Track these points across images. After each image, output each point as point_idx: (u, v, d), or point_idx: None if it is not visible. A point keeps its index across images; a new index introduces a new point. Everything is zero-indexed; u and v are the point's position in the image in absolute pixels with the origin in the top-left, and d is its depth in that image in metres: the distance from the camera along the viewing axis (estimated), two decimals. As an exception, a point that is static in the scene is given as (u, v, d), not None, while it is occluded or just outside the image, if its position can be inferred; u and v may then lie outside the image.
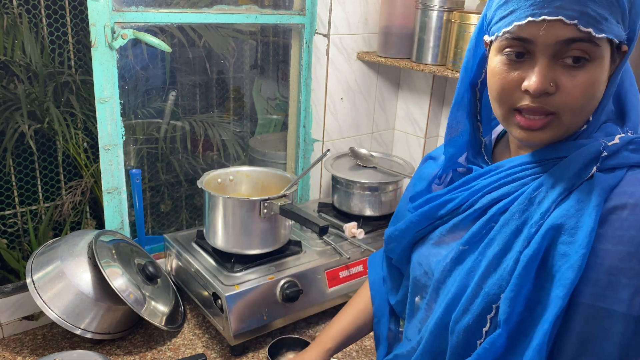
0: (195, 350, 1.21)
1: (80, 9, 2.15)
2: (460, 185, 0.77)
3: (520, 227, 0.67)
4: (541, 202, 0.66)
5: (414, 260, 0.84)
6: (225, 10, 1.43)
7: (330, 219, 1.53)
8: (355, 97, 1.69)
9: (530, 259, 0.64)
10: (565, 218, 0.63)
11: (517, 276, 0.64)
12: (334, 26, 1.56)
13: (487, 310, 0.67)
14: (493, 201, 0.71)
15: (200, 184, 1.28)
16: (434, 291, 0.77)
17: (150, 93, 2.14)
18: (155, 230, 2.23)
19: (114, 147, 1.31)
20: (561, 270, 0.62)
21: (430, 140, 1.75)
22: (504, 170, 0.72)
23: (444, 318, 0.73)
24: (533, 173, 0.69)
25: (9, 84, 2.08)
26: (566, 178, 0.65)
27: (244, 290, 1.17)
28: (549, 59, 0.62)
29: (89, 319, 1.15)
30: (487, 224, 0.71)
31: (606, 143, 0.65)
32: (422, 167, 0.92)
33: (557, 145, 0.68)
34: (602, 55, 0.62)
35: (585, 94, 0.63)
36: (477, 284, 0.68)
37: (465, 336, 0.70)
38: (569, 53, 0.61)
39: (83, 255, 1.20)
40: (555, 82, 0.62)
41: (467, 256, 0.72)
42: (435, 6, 1.45)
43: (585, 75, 0.62)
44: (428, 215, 0.80)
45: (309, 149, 1.71)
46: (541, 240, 0.64)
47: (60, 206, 2.13)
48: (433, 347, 0.76)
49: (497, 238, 0.68)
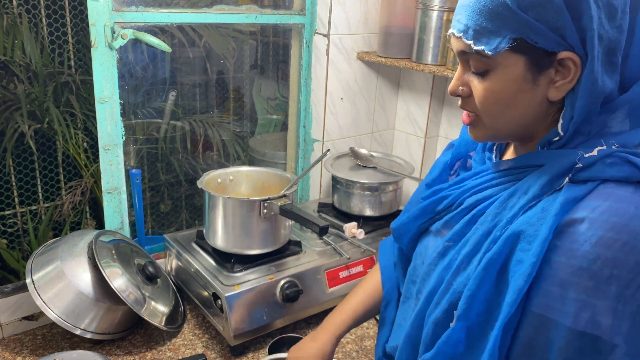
0: (195, 350, 1.21)
1: (80, 9, 2.15)
2: (457, 182, 0.80)
3: (490, 230, 0.68)
4: (512, 207, 0.67)
5: (417, 250, 0.86)
6: (225, 10, 1.43)
7: (330, 219, 1.53)
8: (355, 97, 1.69)
9: (490, 262, 0.65)
10: (527, 225, 0.64)
11: (476, 276, 0.66)
12: (334, 26, 1.56)
13: (453, 306, 0.69)
14: (477, 202, 0.74)
15: (200, 184, 1.28)
16: (421, 282, 0.80)
17: (150, 93, 2.14)
18: (155, 230, 2.23)
19: (114, 147, 1.31)
20: (515, 277, 0.63)
21: (430, 140, 1.75)
22: (490, 173, 0.75)
23: (423, 309, 0.76)
24: (513, 179, 0.71)
25: (9, 84, 2.08)
26: (538, 186, 0.66)
27: (244, 290, 1.17)
28: (463, 66, 0.70)
29: (88, 319, 1.15)
30: (469, 224, 0.73)
31: (582, 154, 0.64)
32: (442, 154, 0.94)
33: (538, 153, 0.69)
34: (503, 64, 0.64)
35: (489, 99, 0.67)
36: (448, 280, 0.71)
37: (435, 329, 0.72)
38: (470, 62, 0.68)
39: (83, 255, 1.20)
40: (468, 85, 0.69)
41: (449, 252, 0.75)
42: (435, 6, 1.45)
43: (487, 83, 0.67)
44: (428, 210, 0.83)
45: (309, 149, 1.71)
46: (503, 244, 0.65)
47: (60, 206, 2.13)
48: (412, 337, 0.78)
49: (471, 239, 0.70)
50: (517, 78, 0.65)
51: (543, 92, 0.65)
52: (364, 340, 1.26)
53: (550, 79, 0.64)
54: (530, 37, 0.62)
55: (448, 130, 1.73)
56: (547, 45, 0.62)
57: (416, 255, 0.86)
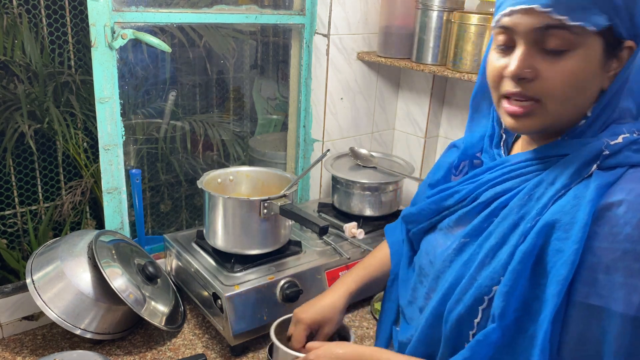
0: (195, 350, 1.21)
1: (80, 9, 2.15)
2: (470, 178, 0.79)
3: (517, 222, 0.67)
4: (540, 198, 0.67)
5: (422, 248, 0.85)
6: (225, 10, 1.43)
7: (330, 219, 1.53)
8: (355, 97, 1.69)
9: (525, 255, 0.64)
10: (561, 214, 0.63)
11: (512, 271, 0.65)
12: (334, 26, 1.56)
13: (479, 302, 0.68)
14: (496, 195, 0.72)
15: (200, 184, 1.28)
16: (433, 280, 0.78)
17: (150, 93, 2.14)
18: (155, 230, 2.23)
19: (114, 147, 1.31)
20: (555, 267, 0.62)
21: (430, 140, 1.75)
22: (509, 165, 0.74)
23: (439, 307, 0.74)
24: (535, 170, 0.70)
25: (9, 84, 2.08)
26: (566, 175, 0.65)
27: (244, 290, 1.17)
28: (529, 46, 0.64)
29: (88, 319, 1.15)
30: (489, 217, 0.72)
31: (608, 142, 0.65)
32: (444, 154, 0.93)
33: (559, 143, 0.69)
34: (585, 45, 0.62)
35: (565, 82, 0.64)
36: (471, 275, 0.70)
37: (458, 326, 0.71)
38: (547, 40, 0.63)
39: (83, 255, 1.20)
40: (535, 68, 0.64)
41: (467, 248, 0.73)
42: (435, 6, 1.45)
43: (566, 63, 0.63)
44: (436, 205, 0.82)
45: (309, 149, 1.71)
46: (536, 236, 0.64)
47: (60, 206, 2.13)
48: (427, 336, 0.77)
49: (495, 232, 0.69)
50: (594, 60, 0.63)
51: (603, 80, 0.66)
52: (364, 341, 1.26)
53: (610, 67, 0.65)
54: (614, 21, 0.62)
55: (448, 130, 1.73)
56: (623, 31, 0.63)
57: (422, 254, 0.85)
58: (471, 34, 1.35)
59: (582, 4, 0.60)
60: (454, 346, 0.73)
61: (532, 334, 0.65)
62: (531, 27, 0.63)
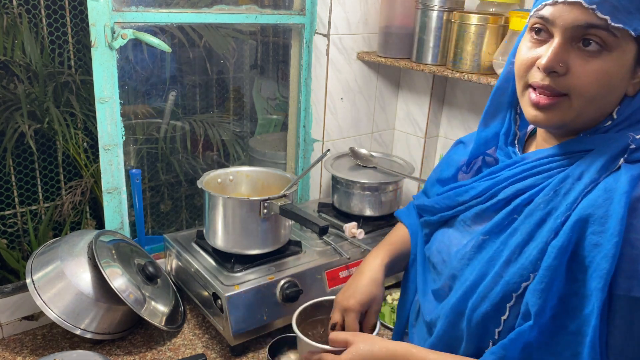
0: (195, 350, 1.21)
1: (80, 9, 2.15)
2: (486, 175, 0.78)
3: (545, 218, 0.67)
4: (567, 193, 0.66)
5: (434, 247, 0.84)
6: (225, 10, 1.43)
7: (330, 219, 1.53)
8: (355, 97, 1.69)
9: (560, 251, 0.63)
10: (594, 208, 0.63)
11: (547, 267, 0.64)
12: (334, 26, 1.56)
13: (506, 299, 0.67)
14: (518, 192, 0.72)
15: (200, 184, 1.28)
16: (449, 279, 0.77)
17: (150, 93, 2.14)
18: (155, 230, 2.23)
19: (114, 147, 1.31)
20: (595, 261, 0.61)
21: (430, 140, 1.75)
22: (530, 162, 0.73)
23: (459, 305, 0.73)
24: (559, 165, 0.70)
25: (9, 84, 2.08)
26: (593, 170, 0.65)
27: (244, 290, 1.17)
28: (565, 40, 0.64)
29: (89, 319, 1.15)
30: (510, 214, 0.71)
31: (634, 136, 0.65)
32: (452, 150, 0.92)
33: (582, 138, 0.69)
34: (621, 48, 0.62)
35: (596, 82, 0.64)
36: (497, 273, 0.69)
37: (483, 324, 0.70)
38: (585, 37, 0.63)
39: (83, 255, 1.20)
40: (567, 63, 0.64)
41: (488, 245, 0.72)
42: (435, 6, 1.45)
43: (600, 63, 0.63)
44: (449, 200, 0.81)
45: (309, 149, 1.71)
46: (570, 231, 0.63)
47: (60, 206, 2.13)
48: (447, 334, 0.76)
49: (521, 228, 0.68)
50: (626, 65, 0.64)
51: (628, 86, 0.66)
52: (364, 340, 1.26)
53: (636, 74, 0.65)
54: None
55: (448, 130, 1.73)
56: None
57: (434, 253, 0.84)
58: (471, 34, 1.35)
59: (627, 8, 0.61)
60: (478, 344, 0.72)
61: (575, 331, 0.63)
62: (573, 21, 0.62)
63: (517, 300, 0.67)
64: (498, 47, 1.33)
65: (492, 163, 0.83)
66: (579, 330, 0.63)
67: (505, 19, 1.33)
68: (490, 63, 1.35)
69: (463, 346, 0.73)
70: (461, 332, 0.74)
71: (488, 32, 1.33)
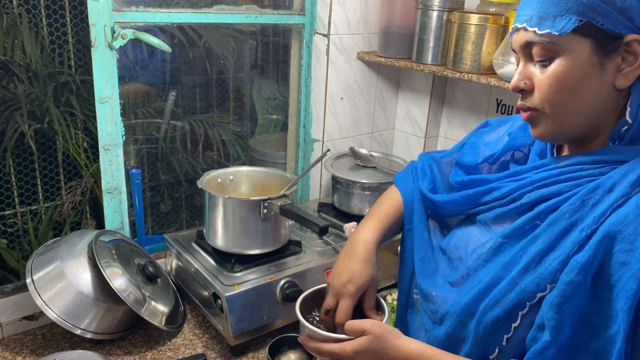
0: (195, 350, 1.21)
1: (80, 9, 2.15)
2: (511, 175, 0.76)
3: (569, 228, 0.65)
4: (595, 205, 0.64)
5: (452, 242, 0.83)
6: (225, 10, 1.43)
7: (330, 219, 1.53)
8: (355, 97, 1.69)
9: (584, 267, 0.61)
10: (623, 225, 0.60)
11: (569, 283, 0.61)
12: (334, 26, 1.56)
13: (520, 307, 0.66)
14: (542, 198, 0.70)
15: (200, 184, 1.28)
16: (462, 278, 0.76)
17: (150, 93, 2.14)
18: (155, 230, 2.23)
19: (114, 147, 1.31)
20: (622, 280, 0.59)
21: (430, 140, 1.75)
22: (559, 167, 0.71)
23: (471, 306, 0.71)
24: (589, 174, 0.67)
25: (9, 84, 2.08)
26: (626, 183, 0.63)
27: (244, 290, 1.17)
28: (525, 61, 0.70)
29: (89, 319, 1.15)
30: (532, 220, 0.69)
31: None
32: (480, 133, 0.91)
33: (613, 148, 0.67)
34: (568, 49, 0.64)
35: (551, 86, 0.66)
36: (513, 279, 0.67)
37: (493, 328, 0.69)
38: (533, 53, 0.67)
39: (83, 255, 1.20)
40: (531, 79, 0.69)
41: (506, 249, 0.71)
42: (435, 6, 1.45)
43: (551, 70, 0.66)
44: (472, 199, 0.80)
45: (309, 149, 1.71)
46: (596, 247, 0.61)
47: (60, 206, 2.13)
48: (454, 332, 0.74)
49: (543, 236, 0.67)
50: (582, 62, 0.64)
51: (610, 79, 0.65)
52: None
53: (617, 65, 0.64)
54: (596, 19, 0.62)
55: (448, 130, 1.73)
56: (613, 27, 0.62)
57: (451, 249, 0.82)
58: (471, 34, 1.35)
59: (554, 12, 0.63)
60: (484, 348, 0.70)
61: (598, 351, 0.61)
62: (519, 43, 0.69)
63: (531, 309, 0.66)
64: (498, 47, 1.33)
65: (521, 159, 0.81)
66: (602, 351, 0.61)
67: (505, 19, 1.33)
68: (490, 63, 1.35)
69: (467, 348, 0.72)
70: (468, 333, 0.72)
71: (488, 32, 1.33)
